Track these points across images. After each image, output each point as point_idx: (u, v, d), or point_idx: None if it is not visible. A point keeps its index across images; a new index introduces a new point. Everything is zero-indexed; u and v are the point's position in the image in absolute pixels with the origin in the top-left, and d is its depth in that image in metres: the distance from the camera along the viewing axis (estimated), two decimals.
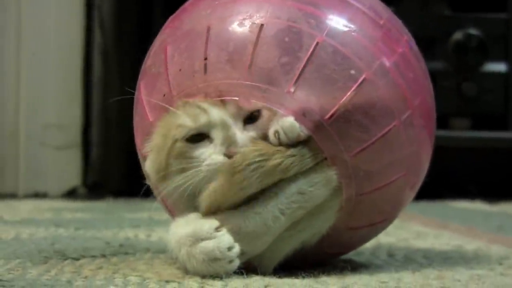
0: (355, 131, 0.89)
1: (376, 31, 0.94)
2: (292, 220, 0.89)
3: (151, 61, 0.98)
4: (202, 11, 0.95)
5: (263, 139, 0.90)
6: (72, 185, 2.51)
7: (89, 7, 2.52)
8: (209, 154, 0.90)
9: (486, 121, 2.51)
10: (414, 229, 1.57)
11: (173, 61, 0.94)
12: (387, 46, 0.94)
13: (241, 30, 0.91)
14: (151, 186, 0.97)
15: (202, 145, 0.91)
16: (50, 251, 1.11)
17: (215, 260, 0.86)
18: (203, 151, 0.90)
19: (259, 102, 0.89)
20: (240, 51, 0.90)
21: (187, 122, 0.91)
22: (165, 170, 0.92)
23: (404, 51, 0.96)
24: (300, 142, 0.88)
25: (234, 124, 0.90)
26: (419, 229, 1.58)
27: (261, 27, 0.90)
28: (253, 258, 0.91)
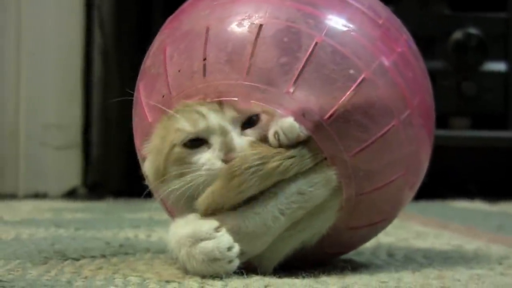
0: (355, 131, 0.89)
1: (375, 31, 0.94)
2: (292, 220, 0.89)
3: (150, 62, 0.98)
4: (201, 12, 0.95)
5: (263, 141, 0.90)
6: (72, 185, 2.51)
7: (89, 7, 2.52)
8: (208, 159, 0.89)
9: (486, 121, 2.51)
10: (414, 229, 1.57)
11: (172, 62, 0.94)
12: (386, 45, 0.94)
13: (240, 30, 0.91)
14: (150, 187, 0.97)
15: (200, 151, 0.90)
16: (50, 252, 1.11)
17: (215, 260, 0.86)
18: (202, 156, 0.90)
19: (258, 102, 0.89)
20: (239, 52, 0.90)
21: (186, 126, 0.91)
22: (164, 173, 0.92)
23: (403, 51, 0.96)
24: (299, 142, 0.88)
25: (232, 129, 0.90)
26: (419, 229, 1.58)
27: (260, 27, 0.90)
28: (253, 258, 0.91)
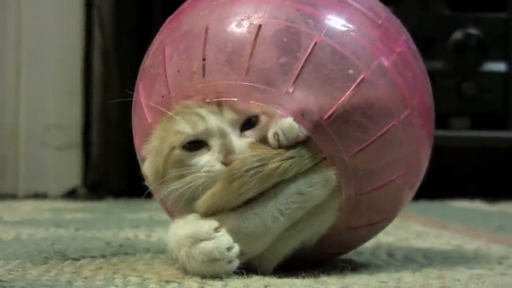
0: (354, 131, 0.89)
1: (374, 31, 0.94)
2: (291, 220, 0.89)
3: (149, 62, 0.98)
4: (200, 12, 0.95)
5: (263, 142, 0.90)
6: (72, 186, 2.51)
7: (89, 7, 2.52)
8: (207, 161, 0.89)
9: (485, 121, 2.51)
10: (414, 228, 1.57)
11: (172, 62, 0.94)
12: (386, 45, 0.94)
13: (239, 30, 0.91)
14: (150, 187, 0.97)
15: (200, 153, 0.90)
16: (50, 252, 1.11)
17: (215, 260, 0.86)
18: (201, 158, 0.90)
19: (257, 103, 0.89)
20: (238, 52, 0.90)
21: (185, 129, 0.91)
22: (163, 174, 0.92)
23: (402, 51, 0.96)
24: (299, 143, 0.88)
25: (231, 131, 0.90)
26: (419, 228, 1.58)
27: (259, 27, 0.90)
28: (253, 258, 0.91)
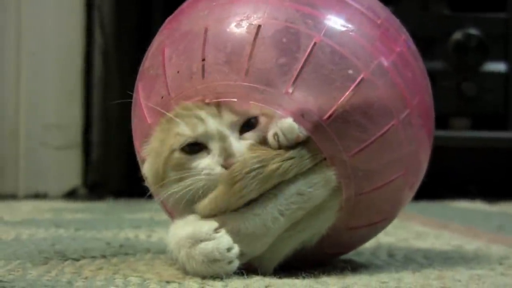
0: (354, 131, 0.89)
1: (374, 31, 0.94)
2: (291, 221, 0.89)
3: (149, 63, 0.98)
4: (199, 12, 0.95)
5: (262, 143, 0.90)
6: (72, 186, 2.51)
7: (89, 8, 2.52)
8: (208, 164, 0.90)
9: (486, 121, 2.51)
10: (414, 229, 1.57)
11: (171, 63, 0.94)
12: (385, 45, 0.94)
13: (239, 31, 0.91)
14: (150, 188, 0.97)
15: (199, 156, 0.91)
16: (50, 252, 1.11)
17: (215, 261, 0.86)
18: (201, 162, 0.90)
19: (257, 103, 0.89)
20: (237, 52, 0.90)
21: (185, 131, 0.91)
22: (163, 176, 0.92)
23: (402, 51, 0.96)
24: (299, 143, 0.88)
25: (230, 133, 0.90)
26: (419, 229, 1.58)
27: (259, 28, 0.90)
28: (253, 259, 0.91)
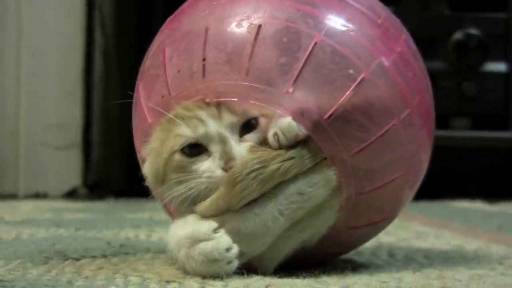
0: (354, 130, 0.89)
1: (374, 31, 0.94)
2: (291, 220, 0.89)
3: (149, 63, 0.98)
4: (200, 12, 0.95)
5: (263, 144, 0.90)
6: (72, 185, 2.51)
7: (90, 7, 2.52)
8: (208, 167, 0.90)
9: (486, 121, 2.51)
10: (414, 229, 1.57)
11: (172, 63, 0.94)
12: (386, 45, 0.94)
13: (239, 30, 0.91)
14: (150, 187, 0.97)
15: (200, 159, 0.91)
16: (50, 252, 1.11)
17: (214, 261, 0.86)
18: (202, 165, 0.90)
19: (257, 103, 0.89)
20: (238, 52, 0.90)
21: (186, 132, 0.91)
22: (163, 176, 0.93)
23: (402, 50, 0.96)
24: (299, 142, 0.88)
25: (231, 136, 0.90)
26: (419, 229, 1.58)
27: (259, 27, 0.90)
28: (253, 258, 0.91)
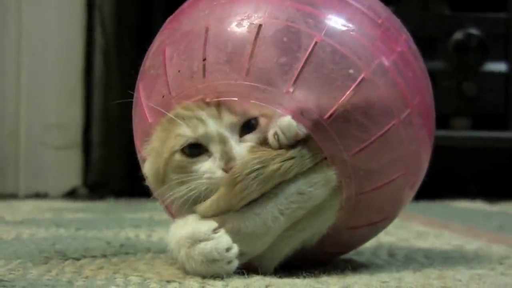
0: (355, 130, 0.89)
1: (374, 30, 0.94)
2: (291, 220, 0.89)
3: (150, 63, 0.98)
4: (200, 12, 0.95)
5: (263, 144, 0.90)
6: (72, 185, 2.51)
7: (90, 7, 2.52)
8: (209, 168, 0.90)
9: (486, 121, 2.51)
10: (414, 229, 1.57)
11: (172, 63, 0.94)
12: (386, 45, 0.94)
13: (240, 30, 0.91)
14: (150, 187, 0.97)
15: (201, 160, 0.91)
16: (51, 251, 1.11)
17: (214, 261, 0.86)
18: (202, 165, 0.90)
19: (257, 102, 0.89)
20: (238, 52, 0.90)
21: (186, 132, 0.91)
22: (163, 177, 0.93)
23: (402, 50, 0.96)
24: (299, 142, 0.88)
25: (231, 136, 0.90)
26: (419, 229, 1.58)
27: (259, 27, 0.90)
28: (254, 258, 0.91)
